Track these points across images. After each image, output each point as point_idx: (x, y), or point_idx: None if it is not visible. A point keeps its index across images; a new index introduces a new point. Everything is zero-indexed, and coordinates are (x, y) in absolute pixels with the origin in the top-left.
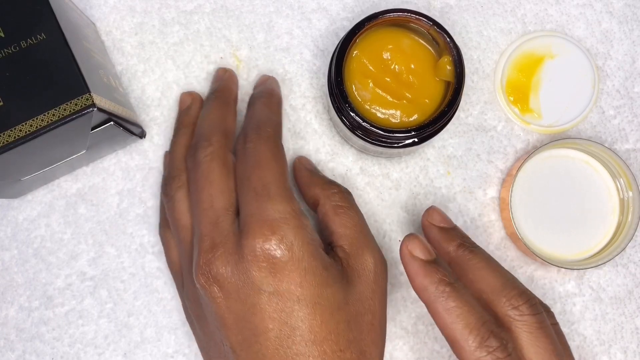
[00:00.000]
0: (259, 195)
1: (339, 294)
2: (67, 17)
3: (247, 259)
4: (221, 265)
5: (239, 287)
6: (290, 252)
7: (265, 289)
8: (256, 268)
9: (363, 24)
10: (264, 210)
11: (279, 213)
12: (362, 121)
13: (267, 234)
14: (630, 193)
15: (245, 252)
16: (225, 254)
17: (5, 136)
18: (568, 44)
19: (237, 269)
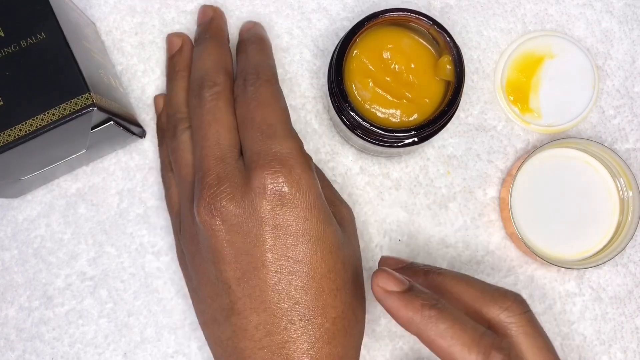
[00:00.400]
0: (265, 133)
1: (337, 234)
2: (67, 17)
3: (255, 191)
4: (227, 198)
5: (243, 220)
6: (298, 186)
7: (270, 221)
8: (264, 201)
9: (363, 24)
10: (271, 147)
11: (286, 149)
12: (362, 121)
13: (276, 167)
14: (630, 193)
15: (253, 185)
16: (231, 187)
17: (5, 136)
18: (568, 43)
19: (243, 202)
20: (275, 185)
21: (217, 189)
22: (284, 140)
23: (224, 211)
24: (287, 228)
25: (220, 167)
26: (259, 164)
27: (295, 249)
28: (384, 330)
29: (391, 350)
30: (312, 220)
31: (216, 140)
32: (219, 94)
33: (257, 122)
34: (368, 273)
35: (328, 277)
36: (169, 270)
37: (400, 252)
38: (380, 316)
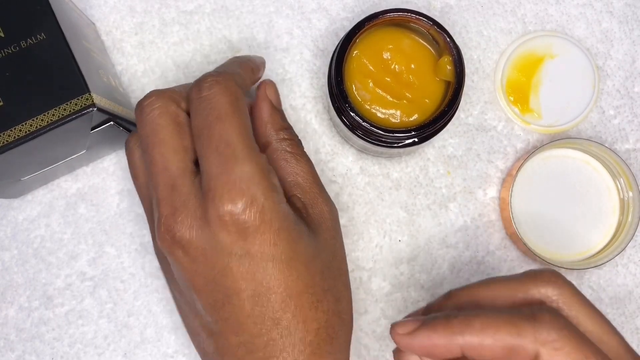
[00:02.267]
0: (222, 155)
1: (310, 246)
2: (67, 17)
3: (214, 223)
4: (184, 230)
5: (206, 251)
6: (261, 214)
7: (236, 252)
8: (225, 233)
9: (363, 24)
10: (230, 172)
11: (246, 174)
12: (362, 121)
13: (235, 197)
14: (630, 193)
15: (211, 217)
16: (187, 218)
17: (5, 136)
18: (568, 44)
19: (202, 234)
20: (236, 218)
21: (172, 220)
22: (244, 163)
23: (183, 243)
24: (254, 256)
25: (173, 196)
26: (217, 192)
27: (266, 274)
28: (384, 330)
29: (392, 350)
30: (282, 243)
31: (163, 166)
32: (161, 108)
33: (214, 139)
34: (368, 273)
35: (307, 292)
36: None
37: (401, 252)
38: (381, 317)
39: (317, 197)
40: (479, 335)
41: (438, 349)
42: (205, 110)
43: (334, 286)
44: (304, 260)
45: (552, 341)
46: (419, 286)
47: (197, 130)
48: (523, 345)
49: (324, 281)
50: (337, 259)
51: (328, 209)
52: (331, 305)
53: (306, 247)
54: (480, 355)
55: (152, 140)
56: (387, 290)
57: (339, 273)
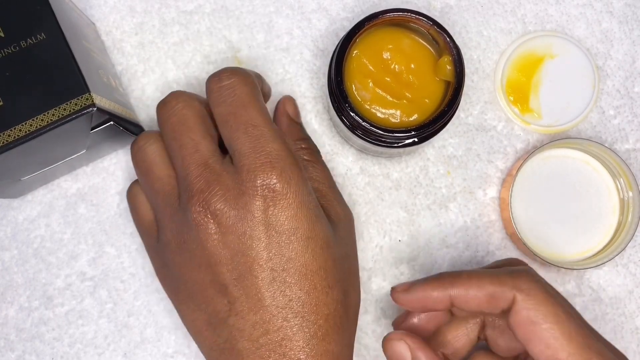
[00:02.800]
0: (251, 135)
1: (327, 233)
2: (67, 17)
3: (247, 193)
4: (220, 201)
5: (237, 221)
6: (289, 185)
7: (263, 221)
8: (257, 201)
9: (363, 24)
10: (260, 148)
11: (276, 150)
12: (362, 121)
13: (267, 169)
14: (630, 193)
15: (245, 187)
16: (222, 190)
17: (5, 136)
18: (568, 44)
19: (236, 204)
20: (267, 186)
21: (208, 193)
22: (272, 142)
23: (218, 214)
24: (279, 227)
25: (206, 172)
26: (250, 166)
27: (288, 246)
28: (384, 330)
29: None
30: (303, 218)
31: (194, 148)
32: (185, 102)
33: (241, 122)
34: (368, 273)
35: (319, 274)
36: None
37: (401, 252)
38: (381, 317)
39: (333, 201)
40: (466, 286)
41: (431, 301)
42: (228, 97)
43: (344, 280)
44: (320, 243)
45: (527, 288)
46: None
47: (222, 117)
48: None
49: (336, 271)
50: (349, 259)
51: (344, 213)
52: (340, 296)
53: (324, 231)
54: (467, 303)
55: (180, 128)
56: (387, 290)
57: (349, 272)
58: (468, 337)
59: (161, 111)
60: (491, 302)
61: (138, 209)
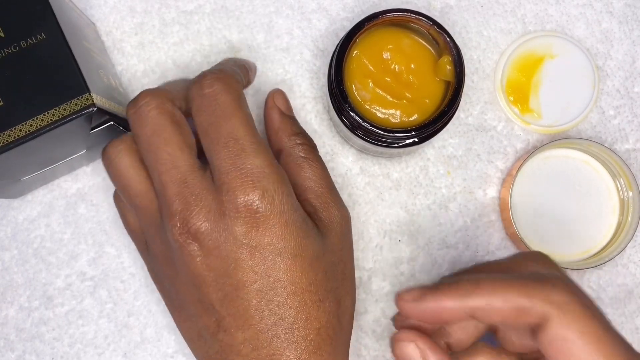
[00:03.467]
0: (232, 150)
1: (316, 245)
2: (67, 17)
3: (229, 214)
4: (201, 222)
5: (220, 243)
6: (272, 205)
7: (247, 243)
8: (239, 223)
9: (363, 24)
10: (241, 165)
11: (257, 167)
12: (362, 121)
13: (248, 189)
14: (630, 193)
15: (226, 208)
16: (203, 211)
17: (5, 136)
18: (568, 44)
19: (217, 226)
20: (249, 207)
21: (188, 214)
22: (254, 157)
23: (199, 236)
24: (264, 248)
25: (186, 191)
26: (230, 185)
27: (274, 267)
28: (384, 330)
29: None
30: (289, 237)
31: (172, 164)
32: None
33: (222, 135)
34: (368, 273)
35: (309, 290)
36: None
37: (401, 252)
38: (381, 317)
39: (329, 201)
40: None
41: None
42: (209, 107)
43: (336, 288)
44: (309, 258)
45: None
46: None
47: (203, 127)
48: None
49: (327, 281)
50: (342, 263)
51: (339, 214)
52: (333, 306)
53: (312, 244)
54: (489, 317)
55: (155, 140)
56: (387, 290)
57: (343, 277)
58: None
59: (133, 117)
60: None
61: (126, 217)
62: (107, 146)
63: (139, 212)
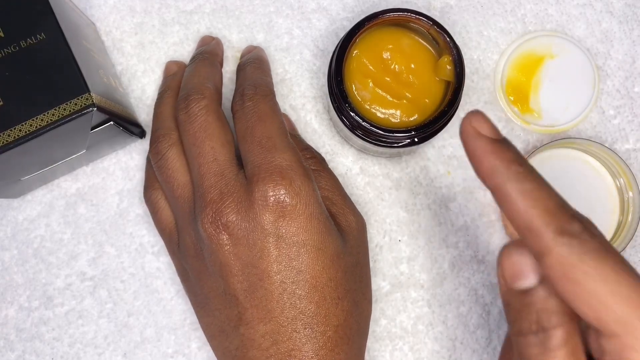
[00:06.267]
0: (265, 147)
1: (337, 243)
2: (67, 17)
3: (257, 204)
4: (232, 213)
5: (248, 233)
6: (298, 197)
7: (274, 233)
8: (267, 213)
9: (363, 24)
10: (272, 160)
11: (286, 161)
12: (362, 121)
13: (277, 180)
14: (630, 193)
15: (255, 198)
16: (235, 202)
17: (5, 136)
18: (568, 44)
19: (247, 216)
20: (277, 197)
21: (221, 204)
22: (284, 153)
23: (229, 225)
24: (289, 239)
25: (221, 182)
26: (260, 176)
27: (298, 259)
28: (383, 331)
29: (391, 350)
30: (313, 230)
31: (213, 157)
32: (208, 107)
33: (256, 136)
34: None
35: (329, 285)
36: (169, 270)
37: (400, 252)
38: (380, 317)
39: (345, 208)
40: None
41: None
42: (248, 115)
43: (354, 290)
44: (330, 255)
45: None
46: (419, 286)
47: (242, 131)
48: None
49: (346, 281)
50: (359, 266)
51: (355, 220)
52: (351, 306)
53: (333, 242)
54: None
55: (201, 134)
56: (387, 290)
57: (360, 280)
58: None
59: (182, 113)
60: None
61: (159, 214)
62: (158, 141)
63: (177, 204)
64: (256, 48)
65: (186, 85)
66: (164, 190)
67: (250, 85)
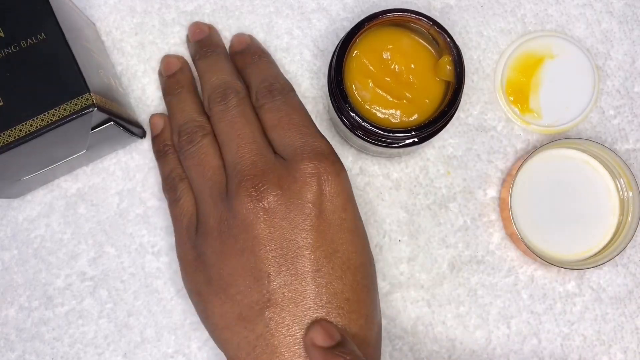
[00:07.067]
0: (304, 133)
1: (366, 234)
2: (67, 17)
3: (300, 180)
4: (273, 187)
5: (287, 207)
6: (338, 177)
7: (313, 209)
8: (309, 189)
9: (363, 24)
10: (312, 143)
11: (325, 147)
12: (362, 121)
13: (320, 158)
14: (630, 193)
15: (297, 175)
16: (276, 177)
17: (5, 136)
18: (568, 44)
19: (289, 191)
20: (318, 175)
21: (262, 178)
22: (322, 140)
23: (270, 199)
24: (328, 216)
25: (262, 160)
26: (303, 156)
27: (334, 237)
28: (383, 331)
29: (390, 351)
30: (350, 211)
31: (253, 138)
32: (244, 99)
33: (294, 123)
34: None
35: (361, 271)
36: (169, 270)
37: (401, 252)
38: None
39: None
40: None
41: None
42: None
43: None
44: (361, 239)
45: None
46: (419, 286)
47: (275, 121)
48: None
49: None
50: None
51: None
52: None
53: (364, 230)
54: None
55: (240, 120)
56: (387, 290)
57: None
58: None
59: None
60: None
61: (181, 200)
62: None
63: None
64: (252, 38)
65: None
66: (191, 177)
67: (275, 81)
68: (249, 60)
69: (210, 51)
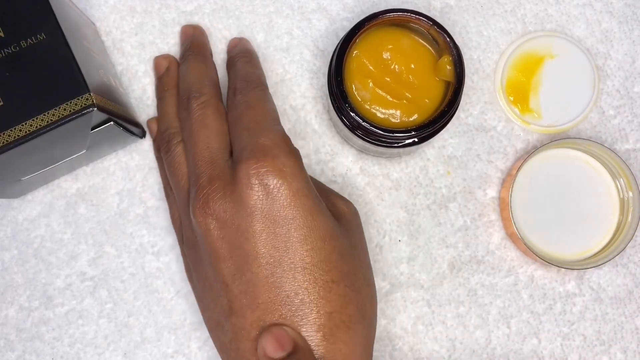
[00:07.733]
0: (251, 130)
1: (330, 225)
2: (67, 17)
3: (241, 183)
4: (218, 197)
5: (234, 214)
6: (281, 173)
7: (258, 212)
8: (250, 191)
9: (363, 24)
10: (256, 140)
11: (271, 140)
12: (362, 121)
13: (259, 157)
14: (630, 193)
15: (239, 178)
16: (222, 185)
17: (5, 136)
18: (568, 44)
19: (232, 197)
20: (259, 175)
21: (209, 188)
22: (269, 133)
23: (216, 209)
24: (274, 217)
25: (211, 168)
26: (243, 157)
27: (285, 238)
28: (383, 331)
29: (390, 351)
30: (300, 207)
31: (206, 145)
32: (206, 102)
33: (244, 122)
34: None
35: (320, 267)
36: (169, 270)
37: (400, 252)
38: (380, 317)
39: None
40: None
41: None
42: (238, 104)
43: (353, 274)
44: (321, 234)
45: None
46: (419, 286)
47: (232, 121)
48: None
49: (343, 264)
50: (357, 250)
51: (346, 206)
52: (348, 291)
53: (326, 222)
54: None
55: (198, 126)
56: (387, 290)
57: (360, 264)
58: None
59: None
60: None
61: (172, 212)
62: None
63: (180, 197)
64: (242, 40)
65: (184, 85)
66: (172, 185)
67: (241, 80)
68: (231, 62)
69: (188, 54)
